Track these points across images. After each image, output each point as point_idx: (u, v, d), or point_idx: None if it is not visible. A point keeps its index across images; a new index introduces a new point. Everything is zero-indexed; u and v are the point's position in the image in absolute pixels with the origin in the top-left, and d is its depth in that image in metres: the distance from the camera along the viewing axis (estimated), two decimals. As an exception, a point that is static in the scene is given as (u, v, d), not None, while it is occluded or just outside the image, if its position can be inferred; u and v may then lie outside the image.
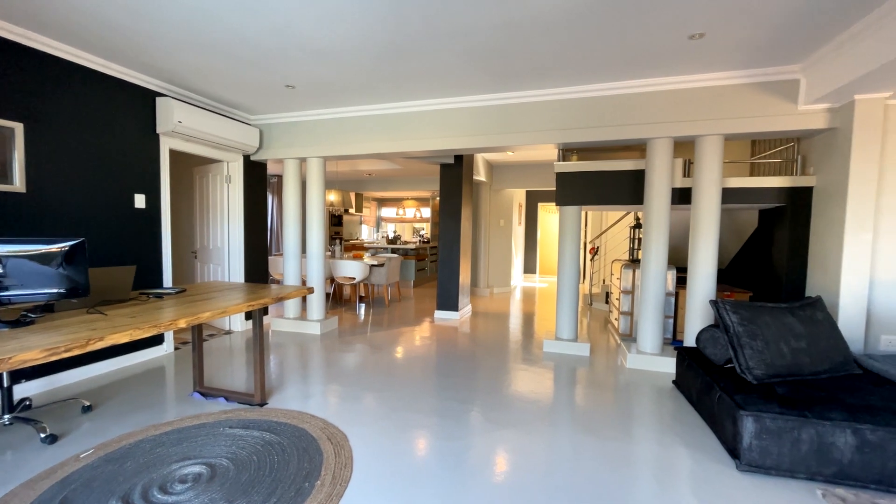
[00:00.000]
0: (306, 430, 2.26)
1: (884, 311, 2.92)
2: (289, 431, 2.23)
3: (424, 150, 4.06)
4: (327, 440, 2.16)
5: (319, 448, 2.08)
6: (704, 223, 3.27)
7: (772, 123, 3.05)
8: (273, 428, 2.27)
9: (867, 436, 1.85)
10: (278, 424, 2.31)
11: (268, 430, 2.25)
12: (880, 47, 2.29)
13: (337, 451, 2.05)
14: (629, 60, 2.95)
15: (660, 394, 2.96)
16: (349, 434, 2.27)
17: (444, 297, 5.37)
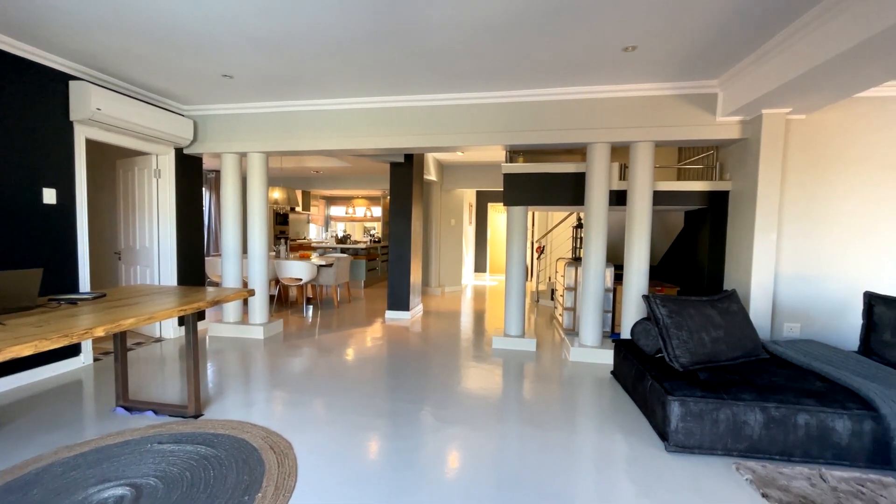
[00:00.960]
0: (246, 440, 2.14)
1: (786, 302, 3.31)
2: (227, 443, 2.10)
3: (374, 148, 4.00)
4: (270, 450, 2.06)
5: (261, 458, 1.98)
6: (638, 223, 3.51)
7: (694, 132, 3.34)
8: (209, 440, 2.13)
9: (772, 413, 2.08)
10: (215, 436, 2.17)
11: (203, 443, 2.10)
12: (781, 68, 2.58)
13: (280, 461, 1.97)
14: (570, 68, 3.10)
15: (600, 384, 3.13)
16: (294, 442, 2.18)
17: (395, 297, 5.32)
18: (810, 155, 3.25)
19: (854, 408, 2.03)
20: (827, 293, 3.26)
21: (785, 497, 1.79)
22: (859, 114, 3.18)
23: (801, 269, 3.28)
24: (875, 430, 2.00)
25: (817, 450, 2.06)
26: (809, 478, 1.93)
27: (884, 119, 3.16)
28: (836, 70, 2.35)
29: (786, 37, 2.49)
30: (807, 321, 3.29)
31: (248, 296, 2.65)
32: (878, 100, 3.15)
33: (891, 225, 3.18)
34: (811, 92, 2.68)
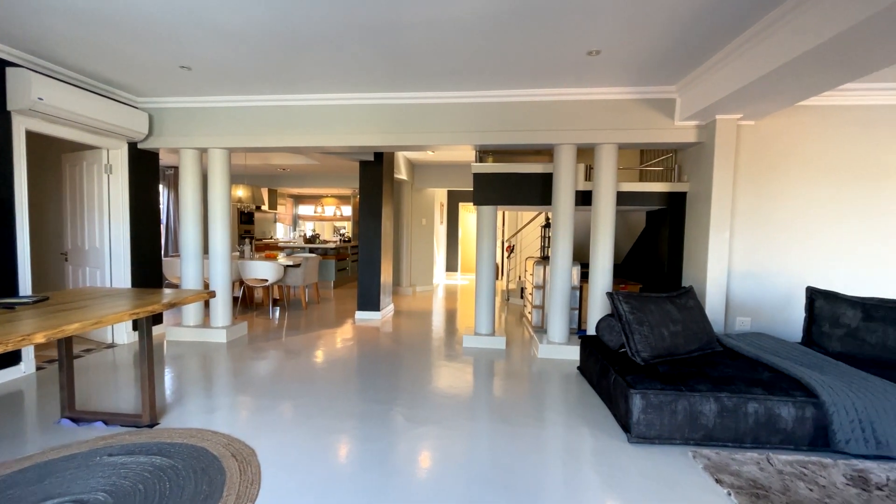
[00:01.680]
0: (206, 448, 2.05)
1: (738, 297, 3.50)
2: (184, 452, 2.01)
3: (343, 145, 3.92)
4: (231, 457, 1.98)
5: (222, 467, 1.90)
6: (603, 223, 3.62)
7: (655, 136, 3.48)
8: (165, 450, 2.02)
9: (725, 402, 2.19)
10: (171, 446, 2.06)
11: (158, 453, 1.99)
12: (732, 76, 2.73)
13: (242, 469, 1.89)
14: (538, 70, 3.15)
15: (567, 380, 3.21)
16: (258, 448, 2.11)
17: (366, 297, 5.25)
18: (759, 159, 3.46)
19: (798, 395, 2.17)
20: (774, 288, 3.48)
21: (737, 482, 1.89)
22: (802, 121, 3.41)
23: (751, 266, 3.49)
24: (816, 416, 2.15)
25: (765, 435, 2.19)
26: (758, 462, 2.05)
27: (823, 126, 3.40)
28: (780, 80, 2.50)
29: (735, 47, 2.64)
30: (756, 315, 3.50)
31: (209, 297, 2.54)
32: (818, 108, 3.39)
33: (829, 225, 3.43)
34: (759, 100, 2.85)
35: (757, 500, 1.76)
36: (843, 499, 1.78)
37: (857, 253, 3.42)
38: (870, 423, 2.07)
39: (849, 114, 3.37)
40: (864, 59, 2.22)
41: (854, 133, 3.38)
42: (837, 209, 3.42)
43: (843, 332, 2.72)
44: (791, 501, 1.76)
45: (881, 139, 3.36)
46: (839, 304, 2.78)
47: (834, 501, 1.76)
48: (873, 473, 1.97)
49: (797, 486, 1.86)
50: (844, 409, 2.09)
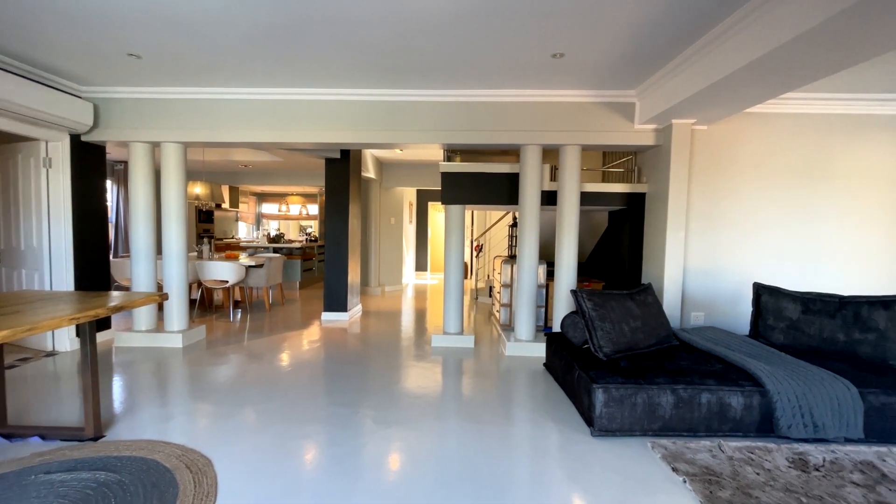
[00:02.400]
0: (158, 460, 1.93)
1: (693, 293, 3.68)
2: (133, 466, 1.88)
3: (307, 142, 3.81)
4: (186, 469, 1.88)
5: (175, 480, 1.79)
6: (567, 222, 3.70)
7: (616, 138, 3.60)
8: (111, 465, 1.89)
9: (681, 394, 2.30)
10: (118, 459, 1.93)
11: (103, 468, 1.86)
12: (685, 83, 2.86)
13: (197, 480, 1.80)
14: (504, 71, 3.18)
15: (533, 376, 3.26)
16: (215, 458, 2.01)
17: (332, 298, 5.14)
18: (712, 162, 3.65)
19: (746, 385, 2.30)
20: (725, 284, 3.68)
21: (691, 469, 1.98)
22: (749, 127, 3.63)
23: (704, 264, 3.68)
24: (762, 404, 2.29)
25: (717, 424, 2.31)
26: (711, 450, 2.16)
27: (768, 132, 3.63)
28: (728, 88, 2.65)
29: (687, 56, 2.77)
30: (710, 310, 3.69)
31: (162, 300, 2.40)
32: (764, 115, 3.61)
33: (775, 224, 3.66)
34: (709, 106, 3.00)
35: (710, 485, 1.85)
36: (785, 481, 1.91)
37: (798, 250, 3.68)
38: (808, 409, 2.22)
39: (790, 121, 3.62)
40: (802, 71, 2.38)
41: (794, 139, 3.63)
42: (781, 210, 3.66)
43: (785, 325, 2.91)
44: (740, 486, 1.86)
45: (817, 145, 3.63)
46: (782, 299, 2.97)
47: (778, 483, 1.88)
48: (811, 456, 2.11)
49: (745, 471, 1.97)
50: (787, 397, 2.24)
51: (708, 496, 1.78)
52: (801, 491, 1.83)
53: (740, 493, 1.81)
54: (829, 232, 3.67)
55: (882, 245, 3.68)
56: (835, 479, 1.93)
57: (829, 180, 3.64)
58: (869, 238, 3.68)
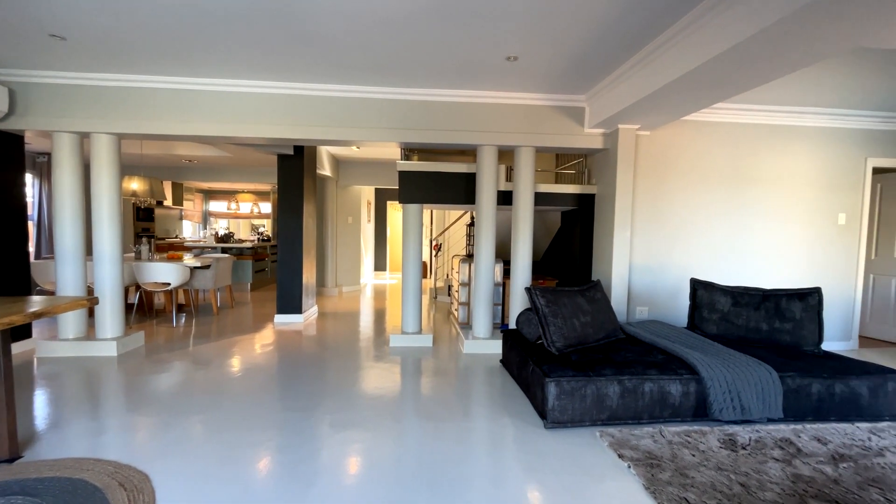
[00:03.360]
0: (86, 480, 1.78)
1: (638, 289, 3.91)
2: (56, 488, 1.72)
3: (258, 137, 3.65)
4: (119, 487, 1.74)
5: (105, 499, 1.66)
6: (522, 222, 3.80)
7: (568, 141, 3.74)
8: (29, 488, 1.71)
9: (626, 384, 2.43)
10: (39, 482, 1.75)
11: (20, 492, 1.68)
12: (628, 91, 3.03)
13: (132, 498, 1.67)
14: (460, 71, 3.21)
15: (490, 373, 3.32)
16: (153, 473, 1.88)
17: (286, 300, 4.95)
18: (654, 165, 3.88)
19: (684, 374, 2.48)
20: (666, 280, 3.94)
21: (635, 454, 2.10)
22: (687, 134, 3.90)
23: (648, 261, 3.91)
24: (697, 390, 2.47)
25: (659, 411, 2.46)
26: (653, 436, 2.30)
27: (703, 139, 3.92)
28: (667, 96, 2.84)
29: (632, 65, 2.93)
30: (653, 304, 3.93)
31: (91, 305, 2.20)
32: (700, 123, 3.90)
33: (708, 224, 3.96)
34: (651, 113, 3.20)
35: (651, 469, 1.98)
36: (717, 460, 2.07)
37: (730, 248, 4.00)
38: (737, 394, 2.43)
39: (722, 129, 3.93)
40: (729, 83, 2.59)
41: (725, 145, 3.95)
42: (714, 210, 3.96)
43: (718, 317, 3.16)
44: (678, 467, 2.00)
45: (745, 151, 3.97)
46: (715, 293, 3.22)
47: (710, 463, 2.04)
48: (739, 436, 2.31)
49: (683, 453, 2.12)
50: (718, 383, 2.43)
51: (650, 479, 1.90)
52: (731, 469, 2.00)
53: (678, 474, 1.94)
54: (757, 231, 4.02)
55: (801, 242, 4.09)
56: (759, 456, 2.12)
57: (755, 184, 3.99)
58: (790, 236, 4.07)
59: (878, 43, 2.12)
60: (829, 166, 4.07)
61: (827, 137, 4.05)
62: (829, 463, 2.06)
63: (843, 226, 4.12)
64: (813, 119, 3.97)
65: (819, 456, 2.12)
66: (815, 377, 2.52)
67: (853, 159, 4.09)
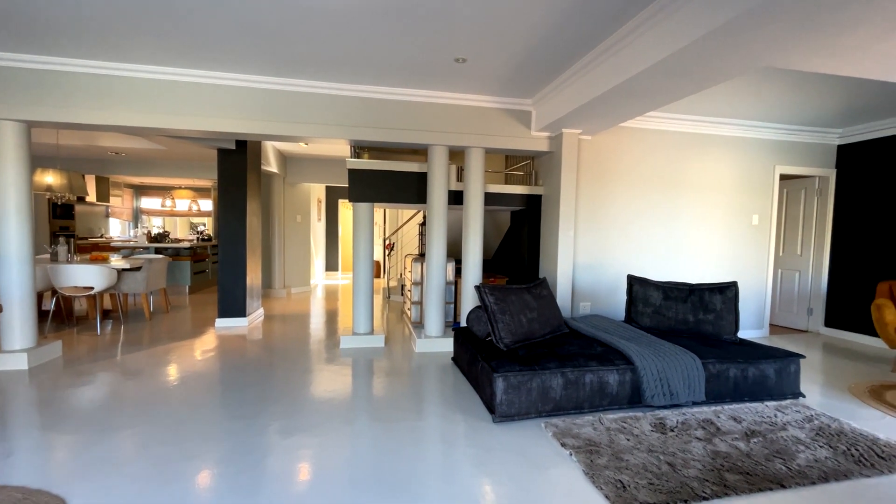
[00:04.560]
0: (-10, 508, 1.59)
1: (581, 285, 4.12)
2: (-48, 520, 1.52)
3: (195, 129, 3.43)
4: (31, 513, 1.57)
5: (14, 528, 1.49)
6: (473, 221, 3.88)
7: (516, 143, 3.86)
8: (-83, 523, 1.50)
9: (569, 376, 2.56)
10: (-70, 515, 1.55)
11: None
12: (570, 98, 3.19)
13: (47, 524, 1.52)
14: (410, 70, 3.21)
15: (443, 371, 3.36)
16: (70, 497, 1.71)
17: (229, 302, 4.70)
18: (595, 168, 4.11)
19: (620, 364, 2.65)
20: (607, 277, 4.19)
21: (576, 442, 2.23)
22: (624, 139, 4.16)
23: (590, 259, 4.14)
24: (633, 379, 2.65)
25: (598, 400, 2.62)
26: (593, 424, 2.45)
27: (638, 144, 4.20)
28: (604, 104, 3.02)
29: (573, 72, 3.09)
30: (595, 299, 4.17)
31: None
32: (635, 130, 4.18)
33: (644, 224, 4.26)
34: (591, 118, 3.38)
35: (591, 455, 2.10)
36: (649, 443, 2.24)
37: (662, 246, 4.33)
38: (666, 380, 2.64)
39: (655, 136, 4.24)
40: (658, 93, 2.81)
41: (658, 151, 4.26)
42: (649, 211, 4.27)
43: (651, 310, 3.41)
44: (614, 452, 2.14)
45: (675, 157, 4.31)
46: (648, 288, 3.48)
47: (643, 446, 2.21)
48: (668, 419, 2.51)
49: (619, 438, 2.27)
50: (650, 372, 2.63)
51: (589, 465, 2.02)
52: (660, 450, 2.17)
53: (614, 458, 2.08)
54: (685, 230, 4.38)
55: (721, 241, 4.51)
56: (684, 436, 2.32)
57: (684, 187, 4.35)
58: (712, 235, 4.47)
59: (784, 64, 2.40)
60: (744, 172, 4.52)
61: (742, 146, 4.50)
62: (742, 439, 2.30)
63: (756, 226, 4.60)
64: (730, 129, 4.40)
65: (734, 433, 2.36)
66: (732, 363, 2.80)
67: (764, 166, 4.58)
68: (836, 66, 2.42)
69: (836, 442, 2.27)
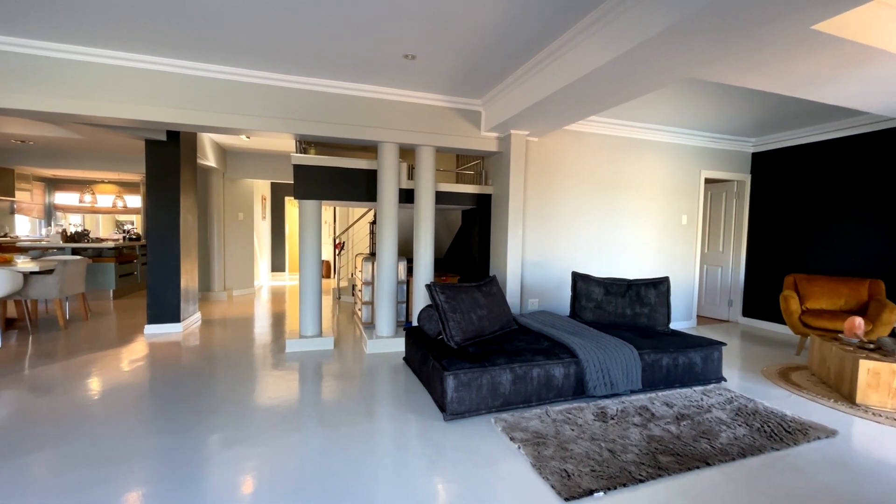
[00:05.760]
0: None
1: (530, 282, 4.25)
2: None
3: (118, 118, 3.12)
4: None
5: None
6: (424, 220, 3.86)
7: (466, 143, 3.90)
8: None
9: (517, 371, 2.62)
10: None
11: None
12: (517, 100, 3.27)
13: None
14: (358, 64, 3.13)
15: (394, 372, 3.32)
16: (-38, 533, 1.49)
17: (160, 307, 4.33)
18: (542, 169, 4.25)
19: (565, 357, 2.76)
20: (552, 274, 4.35)
21: (524, 435, 2.29)
22: (569, 142, 4.34)
23: (538, 257, 4.28)
24: (577, 371, 2.78)
25: (545, 393, 2.71)
26: (540, 416, 2.53)
27: (581, 147, 4.40)
28: (548, 107, 3.14)
29: (519, 75, 3.17)
30: (542, 296, 4.32)
31: None
32: (578, 133, 4.37)
33: (587, 222, 4.48)
34: (537, 121, 3.49)
35: (537, 447, 2.17)
36: (591, 432, 2.35)
37: (604, 243, 4.57)
38: (607, 371, 2.79)
39: (595, 139, 4.46)
40: (597, 99, 2.96)
41: (598, 154, 4.49)
42: (592, 211, 4.49)
43: (593, 305, 3.59)
44: (560, 442, 2.22)
45: (613, 160, 4.56)
46: (591, 284, 3.66)
47: (586, 435, 2.31)
48: (609, 408, 2.66)
49: (564, 429, 2.37)
50: (593, 364, 2.76)
51: (536, 456, 2.08)
52: (602, 438, 2.29)
53: (560, 448, 2.16)
54: (624, 228, 4.66)
55: (655, 239, 4.84)
56: (623, 424, 2.46)
57: (622, 188, 4.62)
58: (647, 233, 4.79)
59: (706, 76, 2.61)
60: (675, 175, 4.89)
61: (672, 151, 4.86)
62: (673, 423, 2.48)
63: (685, 225, 5.00)
64: (663, 135, 4.73)
65: (667, 418, 2.55)
66: (664, 352, 3.02)
67: (691, 171, 4.98)
68: (748, 80, 2.68)
69: (752, 420, 2.52)
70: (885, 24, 2.24)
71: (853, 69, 2.54)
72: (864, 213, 4.22)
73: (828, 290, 4.06)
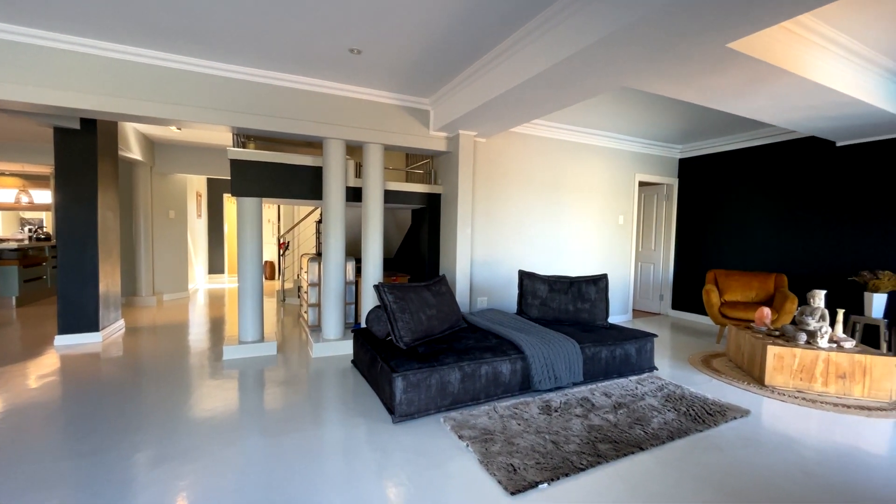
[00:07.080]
0: None
1: (479, 281, 4.31)
2: None
3: (17, 101, 2.74)
4: None
5: None
6: (372, 219, 3.79)
7: (415, 141, 3.88)
8: None
9: (466, 369, 2.65)
10: None
11: None
12: (464, 100, 3.31)
13: None
14: (302, 55, 3.00)
15: (342, 375, 3.22)
16: None
17: (74, 315, 3.88)
18: (490, 170, 4.33)
19: (512, 354, 2.83)
20: (501, 272, 4.45)
21: (472, 433, 2.31)
22: (515, 144, 4.46)
23: (486, 256, 4.36)
24: (523, 367, 2.86)
25: (493, 390, 2.76)
26: (488, 413, 2.57)
27: (527, 149, 4.54)
28: (494, 109, 3.21)
29: (467, 76, 3.21)
30: (491, 294, 4.40)
31: None
32: (524, 135, 4.50)
33: (532, 222, 4.63)
34: (483, 122, 3.56)
35: (485, 444, 2.20)
36: (537, 425, 2.43)
37: (549, 242, 4.75)
38: (551, 366, 2.90)
39: (540, 142, 4.62)
40: (539, 103, 3.07)
41: (543, 156, 4.66)
42: (537, 211, 4.65)
43: (538, 302, 3.72)
44: (507, 437, 2.28)
45: (557, 162, 4.76)
46: (536, 281, 3.78)
47: (531, 429, 2.38)
48: (553, 402, 2.76)
49: (511, 424, 2.43)
50: (538, 359, 2.86)
51: (484, 453, 2.11)
52: (546, 430, 2.37)
53: (507, 443, 2.21)
54: (567, 228, 4.87)
55: (595, 238, 5.11)
56: (566, 415, 2.57)
57: (565, 189, 4.83)
58: (587, 233, 5.05)
59: (638, 85, 2.79)
60: (612, 178, 5.20)
61: (610, 155, 5.16)
62: (611, 412, 2.63)
63: (621, 225, 5.32)
64: (602, 140, 5.01)
65: (606, 408, 2.70)
66: (603, 345, 3.19)
67: (627, 174, 5.31)
68: (675, 91, 2.91)
69: (679, 405, 2.74)
70: (784, 46, 2.52)
71: (761, 85, 2.84)
72: (771, 214, 4.74)
73: (742, 284, 4.51)
